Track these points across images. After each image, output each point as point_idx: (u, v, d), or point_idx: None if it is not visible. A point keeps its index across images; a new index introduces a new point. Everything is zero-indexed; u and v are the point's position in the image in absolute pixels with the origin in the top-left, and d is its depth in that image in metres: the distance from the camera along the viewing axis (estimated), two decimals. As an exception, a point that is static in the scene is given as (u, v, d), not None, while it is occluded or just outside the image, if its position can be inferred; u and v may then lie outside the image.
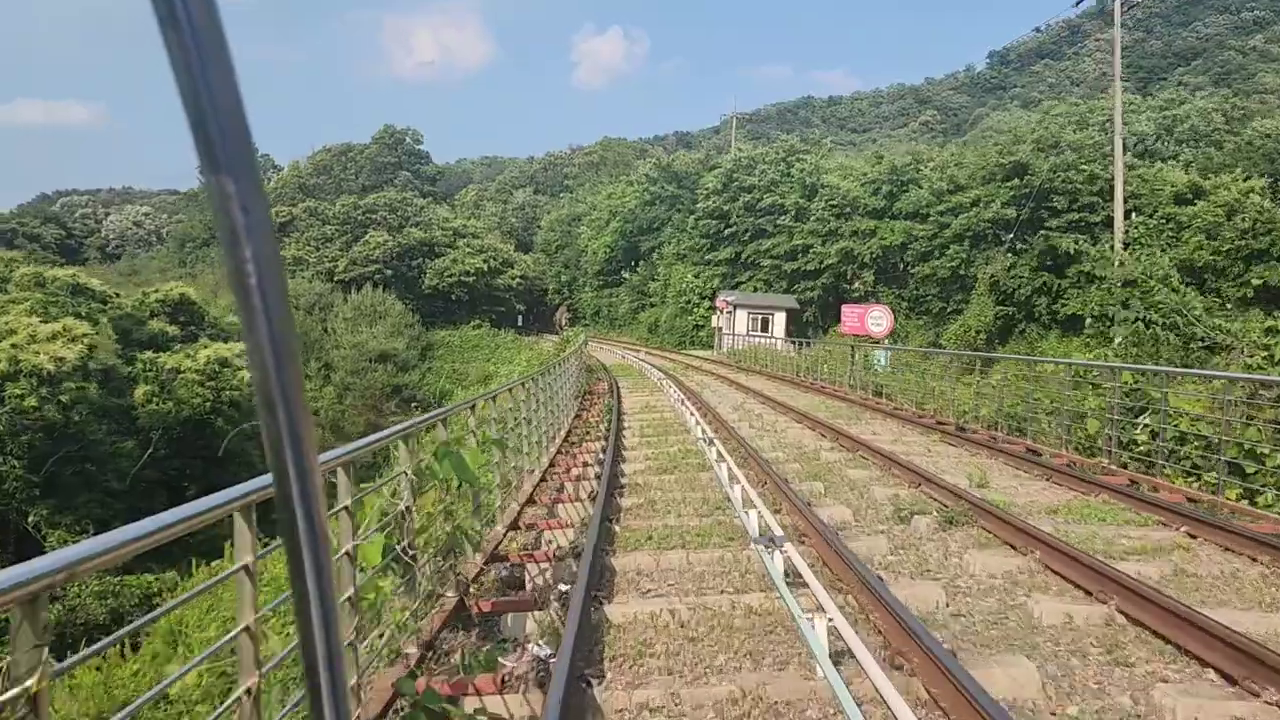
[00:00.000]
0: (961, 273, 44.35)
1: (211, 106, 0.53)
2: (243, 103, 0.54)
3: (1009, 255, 43.27)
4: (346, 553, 4.06)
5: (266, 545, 2.99)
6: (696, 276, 59.40)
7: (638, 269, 71.26)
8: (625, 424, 17.14)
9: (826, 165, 55.74)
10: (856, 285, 50.94)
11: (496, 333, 68.89)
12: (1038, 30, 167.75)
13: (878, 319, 22.64)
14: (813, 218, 52.46)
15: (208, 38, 0.52)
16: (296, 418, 0.59)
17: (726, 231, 57.86)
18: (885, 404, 19.60)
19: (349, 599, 4.03)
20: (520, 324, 78.76)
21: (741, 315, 52.36)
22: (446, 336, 66.83)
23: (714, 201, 58.13)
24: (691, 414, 16.34)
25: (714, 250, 59.13)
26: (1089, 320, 40.75)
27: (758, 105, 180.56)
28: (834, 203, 51.58)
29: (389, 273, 69.02)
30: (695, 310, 58.75)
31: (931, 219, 46.02)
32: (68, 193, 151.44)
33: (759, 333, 51.24)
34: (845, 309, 24.61)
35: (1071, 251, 39.66)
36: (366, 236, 69.40)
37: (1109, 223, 41.40)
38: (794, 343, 44.63)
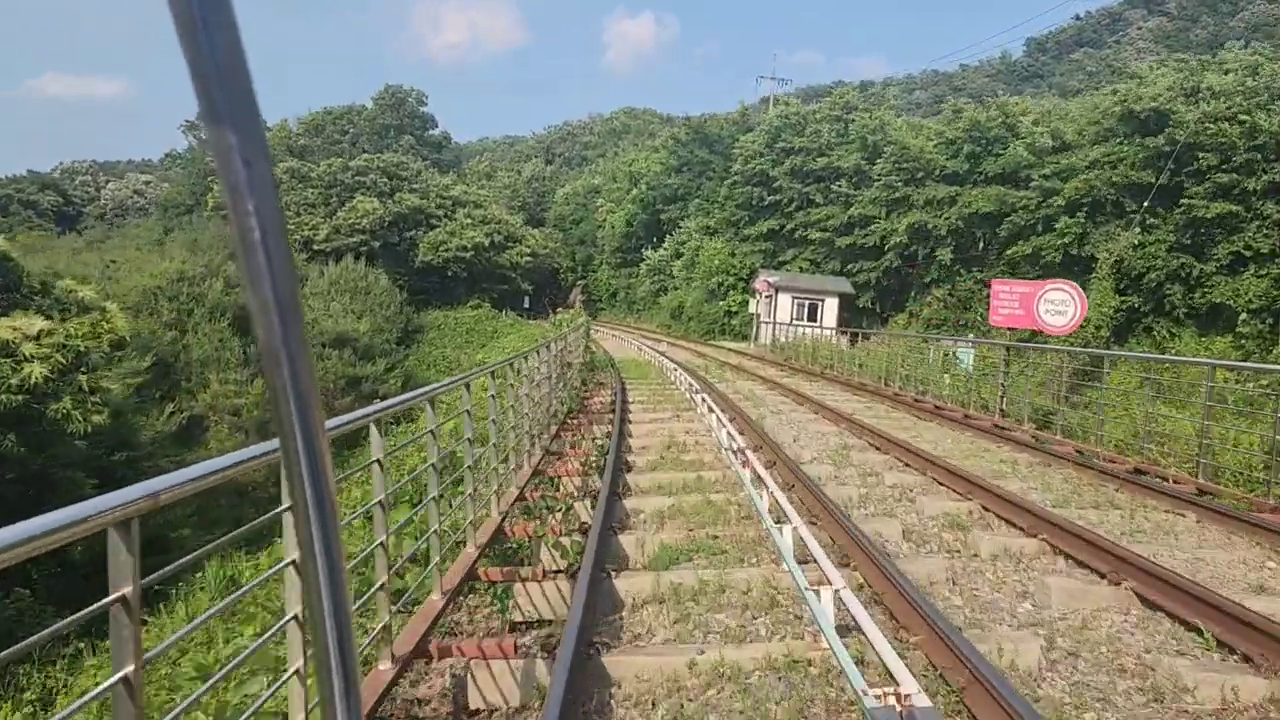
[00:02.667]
0: (1073, 252, 34.91)
1: (213, 57, 0.51)
2: (245, 53, 0.52)
3: (1137, 231, 33.85)
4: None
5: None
6: (731, 254, 50.20)
7: (661, 246, 62.21)
8: (628, 492, 8.33)
9: (892, 121, 46.18)
10: (931, 268, 41.60)
11: (497, 315, 60.09)
12: (1077, 18, 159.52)
13: (1060, 305, 13.32)
14: (876, 183, 43.09)
15: None
16: (301, 377, 0.58)
17: (769, 200, 48.57)
18: (1106, 457, 10.54)
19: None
20: (528, 305, 70.09)
21: (785, 300, 43.35)
22: (439, 318, 58.13)
23: (755, 165, 48.85)
24: (760, 481, 7.49)
25: (752, 223, 49.89)
26: (1243, 316, 31.40)
27: (788, 89, 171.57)
28: (903, 165, 42.16)
29: (376, 244, 60.24)
30: (728, 294, 49.65)
31: (1035, 184, 36.50)
32: (84, 163, 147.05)
33: (805, 321, 42.26)
34: (998, 287, 15.32)
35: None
36: (353, 202, 60.64)
37: (1275, 189, 31.89)
38: (848, 334, 35.70)
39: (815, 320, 42.84)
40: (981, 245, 42.02)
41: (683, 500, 7.98)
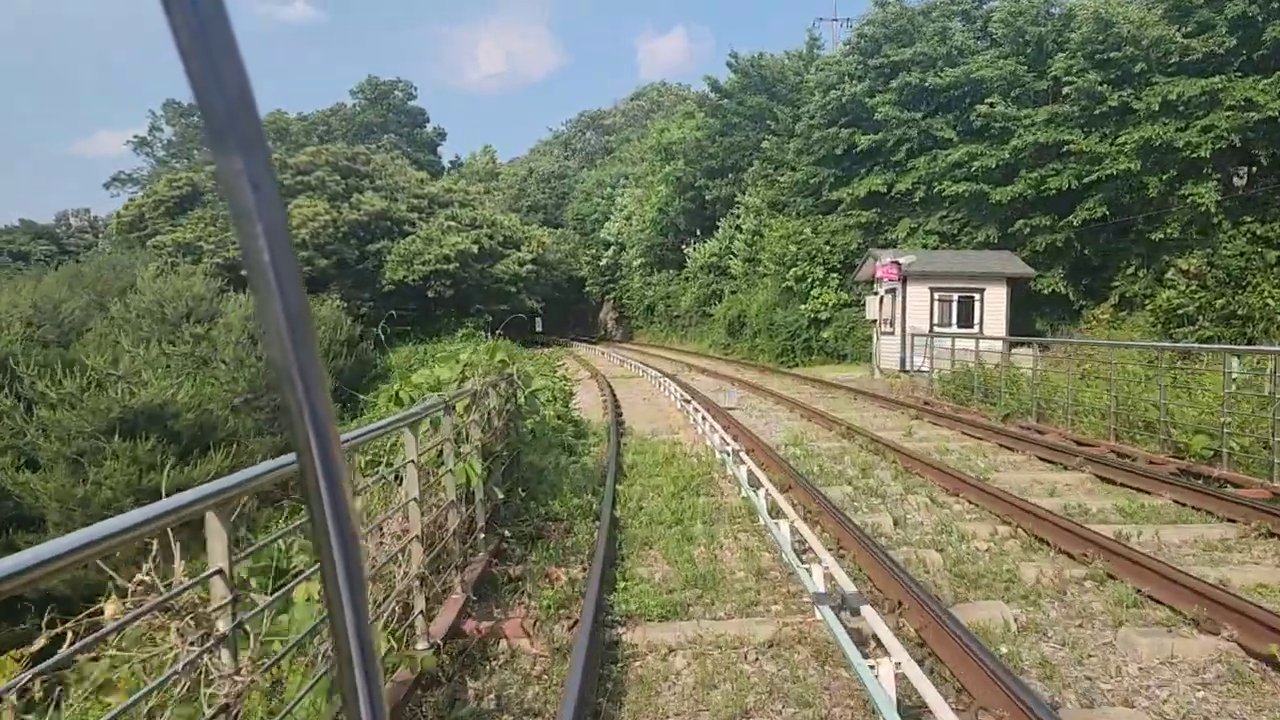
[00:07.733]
0: None
1: (217, 82, 0.52)
2: (248, 77, 0.53)
3: None
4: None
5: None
6: (814, 231, 33.60)
7: (711, 236, 45.88)
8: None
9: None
10: (1169, 221, 24.49)
11: (492, 346, 44.24)
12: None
13: None
14: (1069, 87, 26.18)
15: (210, 12, 0.51)
16: (315, 393, 0.59)
17: (864, 145, 31.84)
18: None
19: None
20: (540, 329, 54.27)
21: (918, 294, 26.62)
22: (408, 356, 42.61)
23: (842, 93, 32.20)
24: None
25: (844, 183, 33.20)
26: None
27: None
28: (1106, 55, 25.23)
29: (326, 262, 44.98)
30: (813, 292, 32.99)
31: None
32: (81, 210, 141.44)
33: (954, 326, 25.62)
34: None
35: None
36: (289, 208, 45.75)
37: None
38: (1033, 344, 19.09)
39: (969, 323, 26.09)
40: (1251, 174, 24.84)
41: None
